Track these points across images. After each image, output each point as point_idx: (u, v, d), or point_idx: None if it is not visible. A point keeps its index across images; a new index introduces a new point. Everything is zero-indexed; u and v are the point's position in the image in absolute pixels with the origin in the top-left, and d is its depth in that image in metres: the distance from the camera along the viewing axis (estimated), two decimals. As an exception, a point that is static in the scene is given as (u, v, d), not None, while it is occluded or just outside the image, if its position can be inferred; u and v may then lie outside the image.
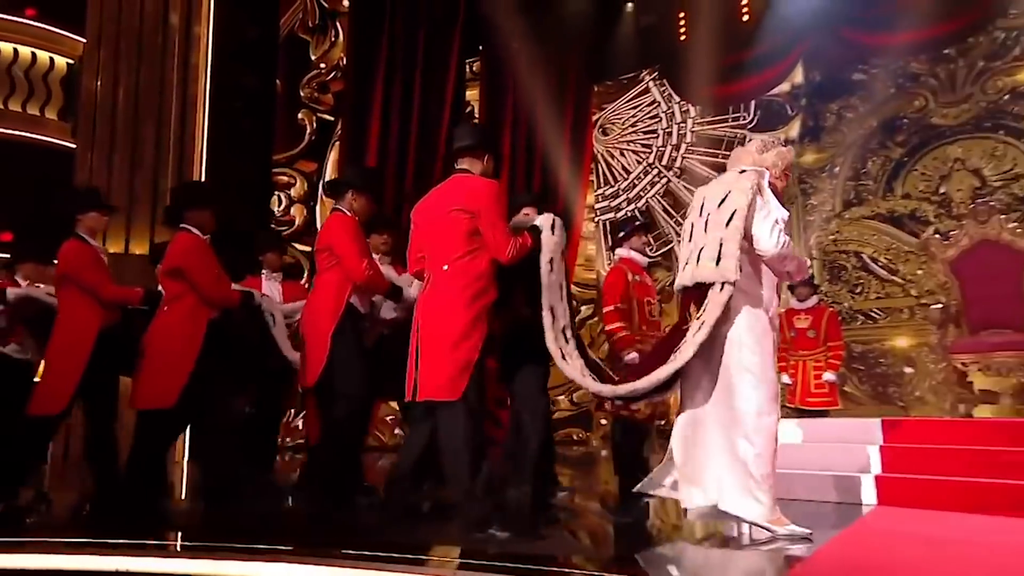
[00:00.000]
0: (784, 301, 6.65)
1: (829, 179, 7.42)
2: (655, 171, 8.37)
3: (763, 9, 7.42)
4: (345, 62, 8.11)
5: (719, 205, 2.47)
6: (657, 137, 8.41)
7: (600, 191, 8.64)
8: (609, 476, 4.23)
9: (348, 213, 3.22)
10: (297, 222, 8.13)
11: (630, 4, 8.06)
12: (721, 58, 7.49)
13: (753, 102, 7.85)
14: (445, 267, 2.59)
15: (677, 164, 8.28)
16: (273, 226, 8.04)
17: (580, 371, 2.59)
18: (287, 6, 8.39)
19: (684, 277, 2.54)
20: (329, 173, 8.13)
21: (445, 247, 2.62)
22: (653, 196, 8.32)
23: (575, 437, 8.22)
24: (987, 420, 4.43)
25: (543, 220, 2.78)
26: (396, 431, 7.71)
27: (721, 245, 2.38)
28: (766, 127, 7.78)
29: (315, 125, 8.28)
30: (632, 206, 8.42)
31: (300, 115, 8.29)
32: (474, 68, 8.37)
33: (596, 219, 8.55)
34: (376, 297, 3.35)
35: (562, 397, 8.18)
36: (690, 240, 2.57)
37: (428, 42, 7.89)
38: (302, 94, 8.33)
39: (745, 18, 7.54)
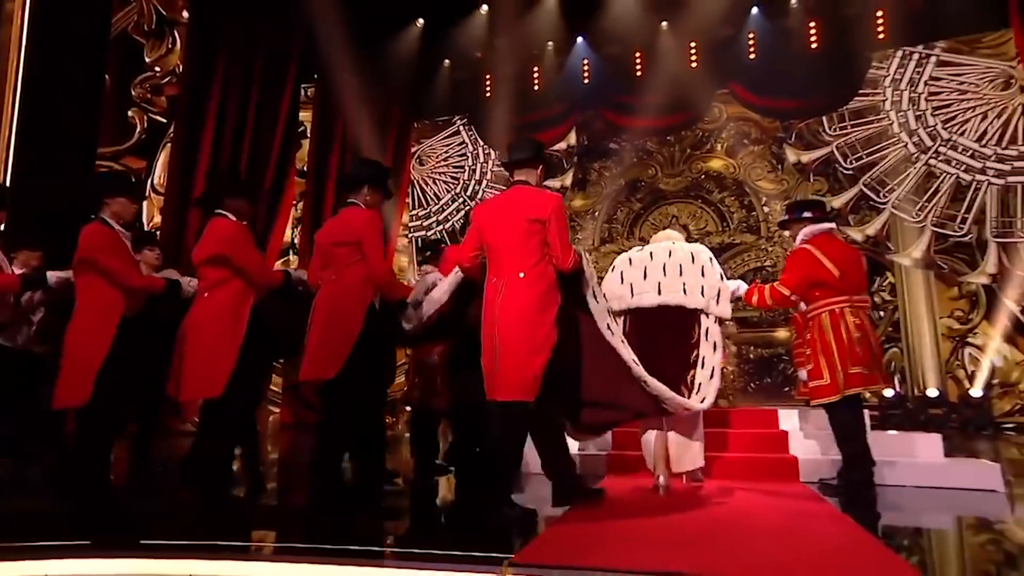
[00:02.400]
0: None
1: (591, 220, 9.64)
2: (461, 200, 10.10)
3: (550, 83, 9.48)
4: (182, 70, 8.50)
5: (692, 261, 3.41)
6: (464, 172, 10.16)
7: (414, 212, 10.18)
8: (408, 455, 4.68)
9: (363, 207, 3.13)
10: (120, 215, 8.34)
11: (447, 60, 9.67)
12: (516, 116, 9.39)
13: (539, 154, 9.89)
14: (521, 274, 2.68)
15: (479, 196, 10.09)
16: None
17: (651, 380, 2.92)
18: (121, 5, 8.56)
19: (678, 300, 3.33)
20: (159, 172, 8.47)
21: (520, 256, 2.70)
22: (458, 220, 10.00)
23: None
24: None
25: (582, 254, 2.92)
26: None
27: (719, 293, 3.36)
28: (548, 174, 9.83)
29: (146, 124, 8.56)
30: (441, 227, 10.04)
31: (131, 112, 8.53)
32: (309, 93, 9.28)
33: (409, 236, 10.06)
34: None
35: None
36: (664, 274, 3.36)
37: (266, 64, 8.56)
38: (134, 93, 8.57)
39: (536, 88, 9.55)
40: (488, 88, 9.67)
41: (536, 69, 9.53)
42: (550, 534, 2.52)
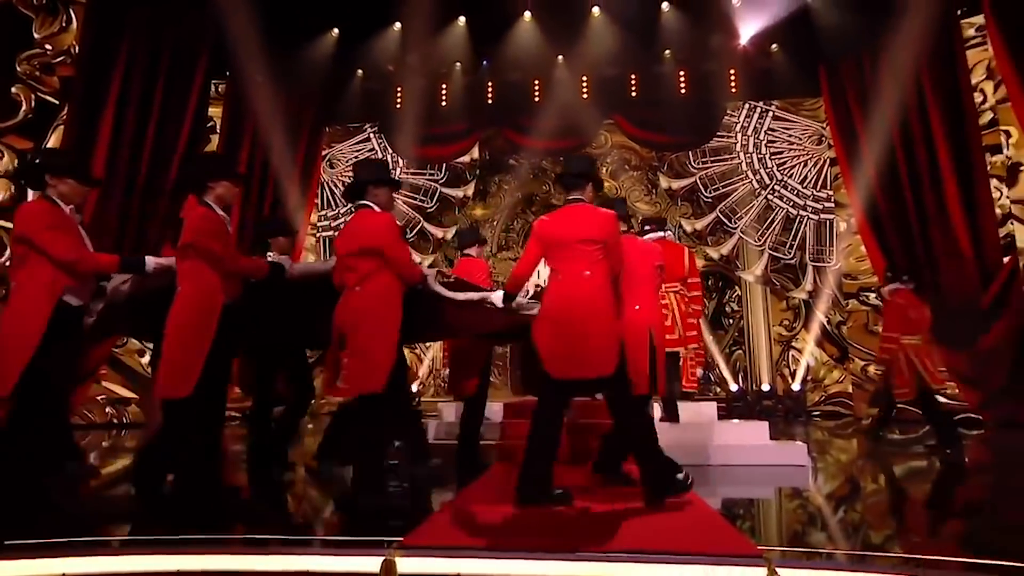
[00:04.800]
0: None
1: (491, 229, 10.49)
2: (368, 203, 10.47)
3: (456, 100, 10.20)
4: (78, 51, 8.09)
5: None
6: (372, 176, 10.54)
7: (323, 212, 10.41)
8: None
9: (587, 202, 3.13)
10: (1, 197, 7.78)
11: (360, 71, 10.05)
12: (424, 128, 10.01)
13: (445, 164, 10.58)
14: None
15: (385, 200, 10.53)
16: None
17: None
18: (6, -26, 7.97)
19: None
20: (49, 156, 7.95)
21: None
22: (364, 222, 10.38)
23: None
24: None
25: None
26: (107, 409, 8.09)
27: None
28: (452, 184, 10.60)
29: (33, 104, 8.03)
30: (346, 228, 10.35)
31: (15, 89, 7.95)
32: (220, 89, 9.19)
33: (318, 235, 10.28)
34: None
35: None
36: None
37: (174, 55, 8.35)
38: (19, 69, 8.00)
39: (443, 103, 10.23)
40: (398, 100, 10.19)
41: (444, 86, 10.21)
42: (438, 518, 2.66)
